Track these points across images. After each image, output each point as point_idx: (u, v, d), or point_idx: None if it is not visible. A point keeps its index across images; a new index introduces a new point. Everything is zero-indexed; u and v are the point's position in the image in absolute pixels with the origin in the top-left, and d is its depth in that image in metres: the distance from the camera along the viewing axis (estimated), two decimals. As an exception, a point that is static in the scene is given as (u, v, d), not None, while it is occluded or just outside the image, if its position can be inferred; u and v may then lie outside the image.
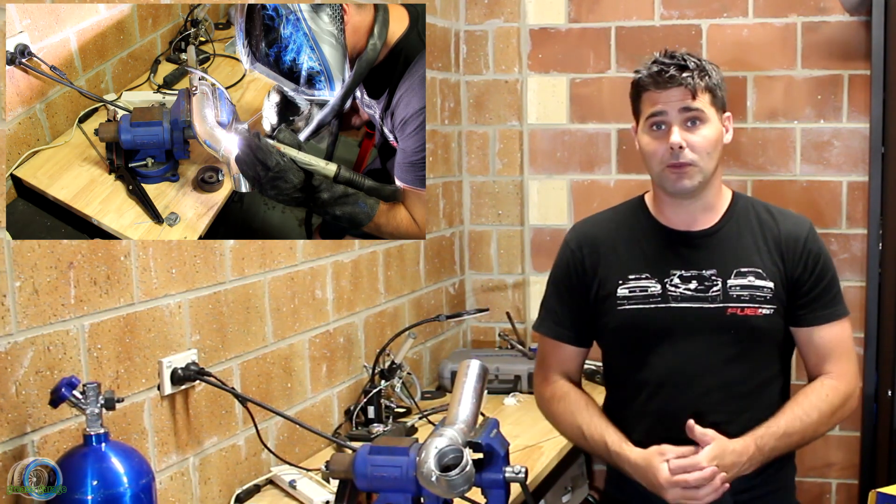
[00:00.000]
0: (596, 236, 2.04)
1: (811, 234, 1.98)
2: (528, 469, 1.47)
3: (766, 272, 1.94)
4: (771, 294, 1.93)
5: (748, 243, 1.96)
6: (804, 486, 3.09)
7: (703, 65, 1.90)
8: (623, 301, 1.96)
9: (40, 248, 1.59)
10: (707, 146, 1.88)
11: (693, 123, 1.88)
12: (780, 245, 1.96)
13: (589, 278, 2.01)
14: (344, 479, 1.53)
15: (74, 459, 1.51)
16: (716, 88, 1.91)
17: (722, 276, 1.93)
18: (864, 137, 2.97)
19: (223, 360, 2.04)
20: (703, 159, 1.88)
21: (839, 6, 2.93)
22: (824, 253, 1.99)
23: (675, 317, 1.93)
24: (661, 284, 1.95)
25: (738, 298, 1.92)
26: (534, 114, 3.25)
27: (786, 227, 1.98)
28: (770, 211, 2.01)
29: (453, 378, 2.10)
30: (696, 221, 1.97)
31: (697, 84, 1.87)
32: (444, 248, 3.15)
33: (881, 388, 2.84)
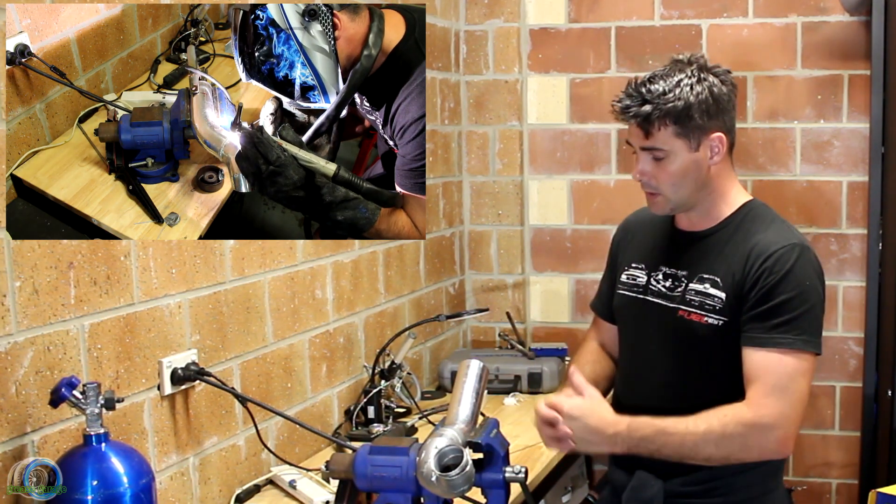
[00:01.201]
0: (632, 224, 2.15)
1: (782, 253, 1.83)
2: (528, 469, 1.48)
3: (723, 282, 1.87)
4: (720, 305, 1.86)
5: (725, 252, 1.91)
6: (804, 487, 3.09)
7: (667, 96, 1.81)
8: (620, 286, 2.06)
9: (40, 248, 1.59)
10: (669, 179, 1.86)
11: (657, 159, 1.86)
12: (745, 256, 1.87)
13: (617, 261, 2.12)
14: (344, 479, 1.53)
15: (74, 459, 1.51)
16: (683, 118, 1.81)
17: (688, 279, 1.93)
18: (864, 137, 2.97)
19: (223, 360, 2.04)
20: (668, 190, 1.88)
21: (839, 6, 2.93)
22: (789, 276, 1.82)
23: (644, 309, 1.98)
24: (647, 275, 2.00)
25: (689, 303, 1.91)
26: (534, 114, 3.25)
27: (757, 240, 1.87)
28: (764, 222, 1.93)
29: (453, 378, 2.10)
30: (698, 223, 1.98)
31: (653, 121, 1.82)
32: (444, 248, 3.15)
33: (881, 388, 2.84)
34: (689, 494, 1.93)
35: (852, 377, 3.04)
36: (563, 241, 3.27)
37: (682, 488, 1.93)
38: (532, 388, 2.86)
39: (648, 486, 1.94)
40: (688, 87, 1.82)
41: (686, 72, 1.85)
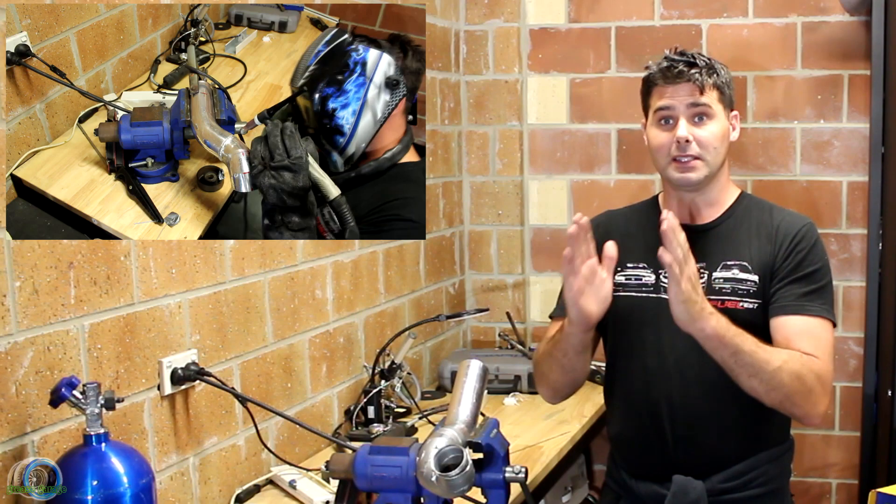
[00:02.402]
0: (608, 226, 2.09)
1: (805, 230, 1.95)
2: (528, 469, 1.48)
3: (752, 265, 1.92)
4: (755, 288, 1.91)
5: (741, 238, 1.96)
6: (804, 486, 3.09)
7: (712, 63, 1.94)
8: (619, 288, 1.99)
9: (40, 248, 1.59)
10: (713, 141, 1.92)
11: (700, 119, 1.92)
12: (772, 237, 1.94)
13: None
14: (344, 479, 1.53)
15: (74, 459, 1.51)
16: (724, 86, 1.95)
17: (709, 269, 1.94)
18: (864, 137, 2.97)
19: (223, 360, 2.04)
20: (708, 153, 1.92)
21: (839, 6, 2.93)
22: (815, 248, 1.94)
23: (662, 307, 1.93)
24: (655, 275, 1.98)
25: (720, 291, 1.92)
26: (534, 114, 3.25)
27: (781, 221, 1.97)
28: (772, 210, 2.01)
29: (453, 378, 2.10)
30: (698, 216, 1.99)
31: (705, 80, 1.91)
32: (444, 248, 3.15)
33: (881, 388, 2.84)
34: (730, 490, 1.93)
35: (852, 377, 3.04)
36: (563, 241, 3.24)
37: (722, 485, 1.92)
38: (532, 388, 2.85)
39: (691, 490, 1.91)
40: (719, 64, 1.97)
41: (704, 55, 1.97)
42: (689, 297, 1.75)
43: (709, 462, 1.94)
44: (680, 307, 1.76)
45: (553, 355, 1.98)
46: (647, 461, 2.01)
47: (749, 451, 1.95)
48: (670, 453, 1.95)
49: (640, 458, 2.03)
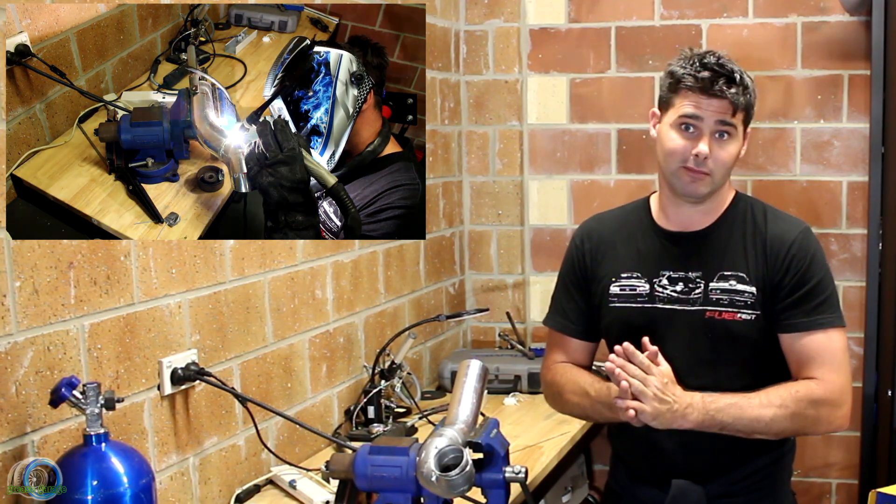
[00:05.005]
0: (600, 233, 2.07)
1: (801, 239, 1.93)
2: (528, 469, 1.48)
3: (749, 276, 1.91)
4: (752, 299, 1.90)
5: (737, 246, 1.94)
6: (804, 486, 3.09)
7: (745, 80, 1.90)
8: (614, 299, 2.00)
9: (40, 248, 1.59)
10: (730, 161, 1.91)
11: (721, 136, 1.89)
12: (766, 248, 1.93)
13: (590, 273, 2.05)
14: (344, 479, 1.53)
15: (74, 459, 1.51)
16: (751, 108, 1.93)
17: (705, 278, 1.93)
18: (864, 137, 2.97)
19: (223, 360, 2.04)
20: (719, 171, 1.90)
21: (839, 6, 2.93)
22: (815, 259, 1.92)
23: (658, 317, 1.94)
24: (649, 284, 1.97)
25: (717, 302, 1.91)
26: (534, 114, 3.25)
27: (774, 230, 1.94)
28: (766, 213, 1.98)
29: (453, 378, 2.10)
30: (693, 223, 1.98)
31: (739, 101, 1.88)
32: (444, 248, 3.15)
33: (881, 388, 2.84)
34: (733, 493, 1.93)
35: (852, 377, 3.03)
36: (563, 241, 3.27)
37: (722, 489, 1.92)
38: (532, 388, 2.85)
39: (689, 494, 1.92)
40: (749, 79, 1.92)
41: (737, 66, 1.92)
42: (660, 413, 1.81)
43: (709, 468, 1.94)
44: (655, 422, 1.82)
45: (581, 406, 2.01)
46: (647, 466, 2.01)
47: (749, 456, 1.95)
48: (670, 459, 1.95)
49: (639, 464, 2.03)
